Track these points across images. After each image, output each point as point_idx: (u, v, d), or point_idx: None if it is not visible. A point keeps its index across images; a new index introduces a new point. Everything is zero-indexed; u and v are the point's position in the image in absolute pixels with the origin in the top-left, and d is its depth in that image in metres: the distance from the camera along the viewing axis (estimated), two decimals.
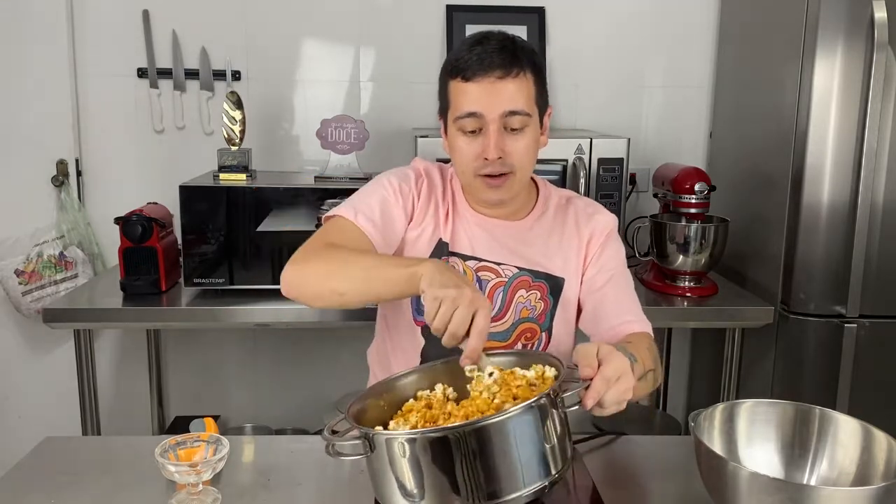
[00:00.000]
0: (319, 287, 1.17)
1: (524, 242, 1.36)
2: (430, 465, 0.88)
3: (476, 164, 1.26)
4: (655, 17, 2.44)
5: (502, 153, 1.24)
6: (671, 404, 2.64)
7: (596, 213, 1.41)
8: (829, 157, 1.91)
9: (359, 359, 1.52)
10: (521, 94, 1.24)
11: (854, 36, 1.85)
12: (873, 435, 1.02)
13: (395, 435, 0.90)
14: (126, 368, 2.51)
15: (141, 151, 2.38)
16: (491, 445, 0.87)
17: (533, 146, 1.28)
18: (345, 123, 2.05)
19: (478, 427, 0.87)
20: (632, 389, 0.98)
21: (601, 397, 0.95)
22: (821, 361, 1.98)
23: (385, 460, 0.90)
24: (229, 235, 1.93)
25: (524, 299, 1.35)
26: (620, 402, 0.97)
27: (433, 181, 1.37)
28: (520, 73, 1.23)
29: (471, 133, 1.25)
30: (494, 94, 1.22)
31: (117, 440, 1.39)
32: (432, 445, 0.88)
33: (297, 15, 2.35)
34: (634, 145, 2.14)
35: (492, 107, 1.22)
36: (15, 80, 2.29)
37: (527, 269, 1.35)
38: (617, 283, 1.36)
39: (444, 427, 0.90)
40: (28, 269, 2.28)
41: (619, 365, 0.97)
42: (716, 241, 2.06)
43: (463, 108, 1.24)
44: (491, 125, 1.23)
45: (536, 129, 1.28)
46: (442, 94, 1.31)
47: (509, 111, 1.23)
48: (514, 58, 1.23)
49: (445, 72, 1.28)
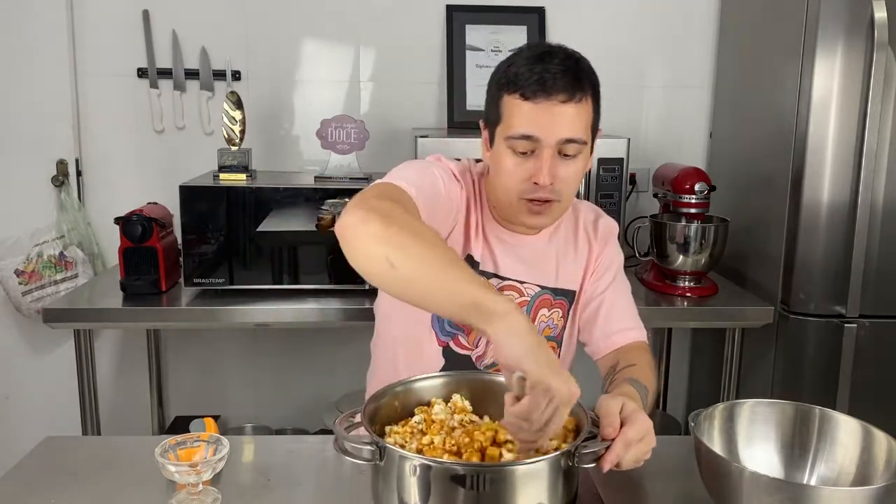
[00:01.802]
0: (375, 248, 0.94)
1: (543, 259, 1.32)
2: (438, 493, 0.88)
3: (523, 188, 1.19)
4: (655, 17, 2.44)
5: (553, 179, 1.17)
6: (671, 404, 2.64)
7: (599, 217, 1.40)
8: (829, 157, 1.91)
9: (359, 359, 1.52)
10: (581, 121, 1.17)
11: (854, 36, 1.85)
12: (873, 435, 1.02)
13: (411, 457, 0.90)
14: (126, 368, 2.51)
15: (141, 151, 2.38)
16: (502, 489, 0.88)
17: (582, 172, 1.22)
18: (345, 123, 2.05)
19: (494, 470, 0.89)
20: (651, 451, 0.97)
21: (620, 459, 0.94)
22: (821, 361, 1.98)
23: (393, 475, 0.91)
24: (229, 235, 1.92)
25: (546, 318, 1.32)
26: (638, 462, 0.97)
27: (468, 190, 1.28)
28: (582, 98, 1.16)
29: (521, 154, 1.18)
30: (554, 118, 1.15)
31: (117, 440, 1.39)
32: (444, 475, 0.88)
33: (297, 15, 2.35)
34: (634, 145, 2.13)
35: (550, 132, 1.15)
36: (15, 81, 2.29)
37: (547, 287, 1.32)
38: (615, 290, 1.35)
39: (461, 463, 0.90)
40: (28, 269, 2.28)
41: (641, 427, 0.96)
42: (716, 241, 2.06)
43: (518, 128, 1.16)
44: (545, 150, 1.16)
45: (588, 156, 1.22)
46: (492, 105, 1.22)
47: (567, 139, 1.16)
48: (577, 81, 1.16)
49: (499, 83, 1.20)
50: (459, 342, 1.30)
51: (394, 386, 1.07)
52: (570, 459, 0.92)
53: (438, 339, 1.31)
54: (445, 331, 1.30)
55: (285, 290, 1.97)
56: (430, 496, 0.89)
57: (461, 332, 1.30)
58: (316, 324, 1.97)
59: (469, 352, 1.32)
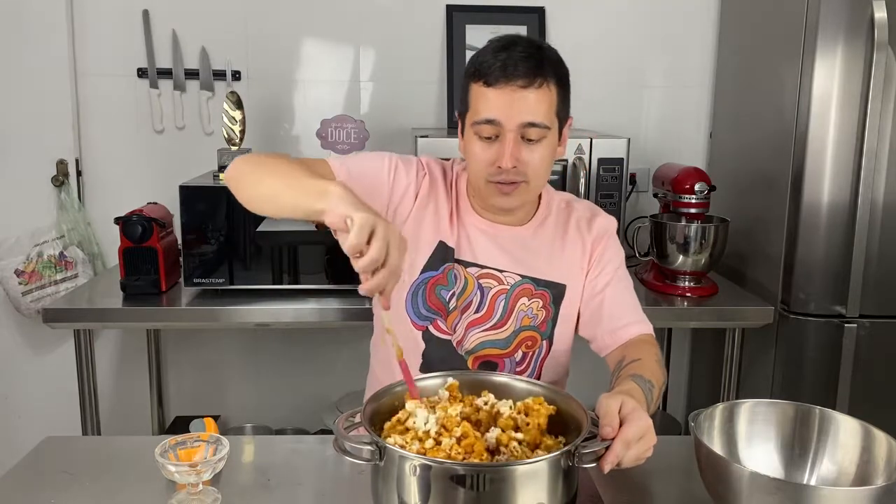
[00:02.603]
0: (250, 186, 1.17)
1: (527, 249, 1.35)
2: (438, 493, 0.88)
3: (489, 171, 1.24)
4: (655, 16, 2.44)
5: (517, 162, 1.22)
6: (671, 404, 2.64)
7: (596, 216, 1.40)
8: (829, 157, 1.91)
9: (359, 359, 1.52)
10: (542, 106, 1.21)
11: (854, 36, 1.85)
12: (873, 435, 1.02)
13: (411, 457, 0.90)
14: (126, 368, 2.51)
15: (141, 151, 2.38)
16: (503, 488, 0.88)
17: (548, 158, 1.26)
18: (345, 123, 2.05)
19: (494, 470, 0.89)
20: (652, 448, 0.97)
21: (620, 459, 0.95)
22: (821, 361, 1.98)
23: (393, 475, 0.91)
24: (229, 235, 1.93)
25: (526, 307, 1.34)
26: (639, 460, 0.97)
27: (435, 178, 1.35)
28: (543, 83, 1.20)
29: (487, 139, 1.23)
30: (515, 103, 1.19)
31: (117, 440, 1.39)
32: (444, 475, 0.88)
33: (297, 15, 2.35)
34: (634, 145, 2.13)
35: (511, 116, 1.20)
36: (15, 80, 2.29)
37: (529, 276, 1.34)
38: (616, 286, 1.35)
39: (462, 463, 0.90)
40: (28, 269, 2.28)
41: (641, 426, 0.96)
42: (716, 241, 2.06)
43: (481, 113, 1.22)
44: (508, 134, 1.21)
45: (554, 141, 1.26)
46: (463, 95, 1.28)
47: (528, 122, 1.20)
48: (538, 67, 1.20)
49: (468, 73, 1.26)
50: (438, 326, 1.33)
51: (393, 386, 1.07)
52: (570, 459, 0.92)
53: (415, 325, 1.33)
54: (421, 315, 1.33)
55: (285, 290, 1.97)
56: (430, 496, 0.89)
57: (439, 315, 1.32)
58: (316, 324, 1.97)
59: (449, 336, 1.34)
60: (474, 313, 1.33)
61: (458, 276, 1.32)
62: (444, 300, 1.32)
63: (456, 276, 1.32)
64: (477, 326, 1.33)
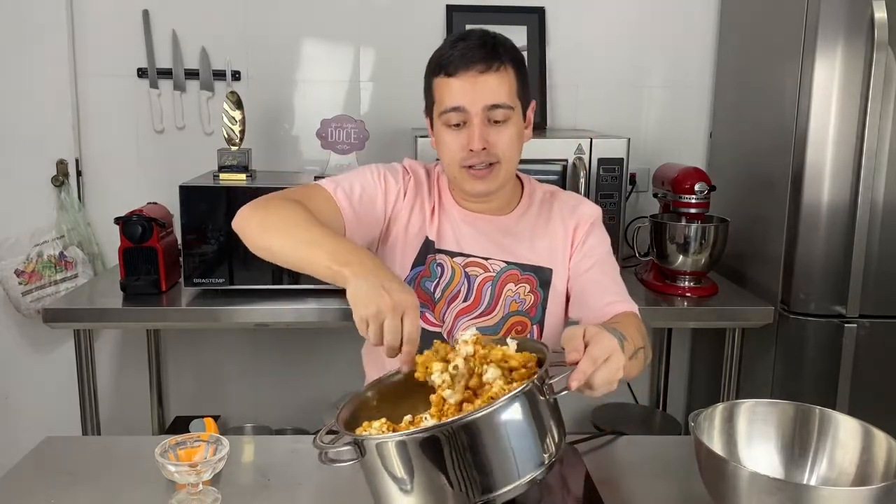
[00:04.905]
0: (258, 237, 1.20)
1: (511, 236, 1.37)
2: (422, 464, 0.87)
3: (461, 156, 1.28)
4: (655, 17, 2.44)
5: (486, 144, 1.26)
6: (671, 404, 2.64)
7: (580, 204, 1.43)
8: (829, 157, 1.91)
9: (359, 359, 1.52)
10: (503, 88, 1.26)
11: (854, 36, 1.85)
12: (873, 435, 1.02)
13: (384, 439, 0.89)
14: (126, 368, 2.51)
15: (141, 151, 2.38)
16: (481, 439, 0.86)
17: (517, 138, 1.30)
18: (345, 123, 2.05)
19: (466, 422, 0.86)
20: (622, 369, 0.96)
21: (590, 379, 0.93)
22: (821, 361, 1.98)
23: (378, 463, 0.90)
24: (229, 235, 1.91)
25: (513, 293, 1.36)
26: (611, 382, 0.95)
27: (419, 178, 1.39)
28: (501, 66, 1.26)
29: (455, 126, 1.28)
30: (477, 87, 1.25)
31: (117, 440, 1.39)
32: (422, 445, 0.87)
33: (297, 15, 2.35)
34: (634, 145, 2.13)
35: (475, 100, 1.25)
36: (15, 80, 2.29)
37: (514, 262, 1.36)
38: (601, 268, 1.37)
39: (431, 426, 0.88)
40: (28, 269, 2.28)
41: (607, 345, 0.95)
42: (716, 241, 2.06)
43: (447, 102, 1.27)
44: (474, 118, 1.25)
45: (520, 122, 1.31)
46: (427, 92, 1.33)
47: (492, 104, 1.25)
48: (494, 52, 1.26)
49: (429, 70, 1.31)
50: (427, 318, 1.35)
51: (365, 390, 1.07)
52: (541, 391, 0.91)
53: None
54: None
55: (285, 290, 1.97)
56: (416, 471, 0.87)
57: (427, 307, 1.34)
58: (316, 324, 1.97)
59: (438, 328, 1.36)
60: (462, 302, 1.35)
61: (443, 267, 1.35)
62: (429, 291, 1.35)
63: (441, 266, 1.35)
64: (465, 315, 1.35)
